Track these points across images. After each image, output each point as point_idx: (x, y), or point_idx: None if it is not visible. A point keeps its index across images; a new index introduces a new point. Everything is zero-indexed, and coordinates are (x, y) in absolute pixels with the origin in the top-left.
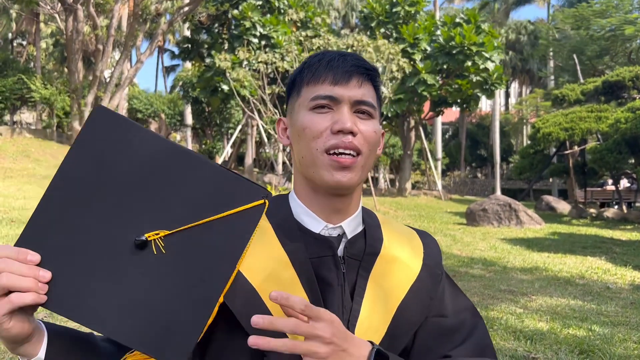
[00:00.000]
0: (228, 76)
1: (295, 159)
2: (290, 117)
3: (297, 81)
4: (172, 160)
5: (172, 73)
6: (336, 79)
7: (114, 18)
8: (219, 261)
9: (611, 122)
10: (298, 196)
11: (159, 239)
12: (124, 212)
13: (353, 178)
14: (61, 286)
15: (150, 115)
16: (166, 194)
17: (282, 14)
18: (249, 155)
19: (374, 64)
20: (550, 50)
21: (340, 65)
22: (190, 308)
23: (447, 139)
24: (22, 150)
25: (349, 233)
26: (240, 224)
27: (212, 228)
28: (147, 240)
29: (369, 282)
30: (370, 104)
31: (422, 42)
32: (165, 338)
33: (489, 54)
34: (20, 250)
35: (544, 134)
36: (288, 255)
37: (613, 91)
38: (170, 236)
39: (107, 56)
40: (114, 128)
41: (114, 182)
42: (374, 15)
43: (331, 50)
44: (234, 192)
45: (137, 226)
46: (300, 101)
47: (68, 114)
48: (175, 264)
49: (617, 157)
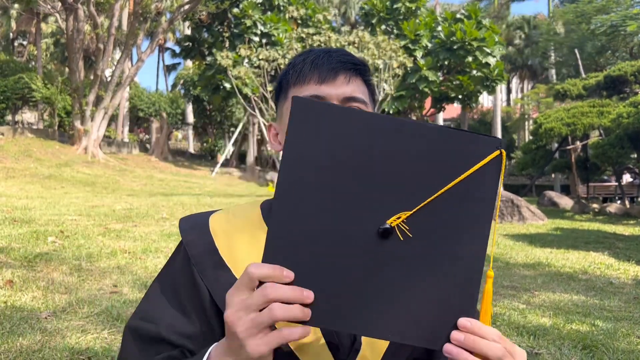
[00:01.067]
0: (229, 74)
1: None
2: (280, 122)
3: (283, 83)
4: (388, 134)
5: (173, 72)
6: (322, 78)
7: (114, 17)
8: (470, 230)
9: (613, 117)
10: None
11: (402, 222)
12: (356, 203)
13: None
14: (320, 300)
15: (152, 114)
16: (392, 172)
17: (282, 12)
18: (251, 153)
19: (362, 59)
20: (551, 46)
21: (325, 62)
22: (457, 290)
23: None
24: (24, 150)
25: None
26: (481, 183)
27: (453, 195)
28: (391, 228)
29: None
30: (360, 100)
31: (423, 38)
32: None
33: (490, 49)
34: (276, 268)
35: (545, 130)
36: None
37: (615, 86)
38: (412, 216)
39: (108, 55)
40: (319, 116)
41: (339, 174)
42: (374, 11)
43: (316, 48)
44: (464, 149)
45: (375, 214)
46: (288, 104)
47: (69, 113)
48: (426, 245)
49: (620, 151)
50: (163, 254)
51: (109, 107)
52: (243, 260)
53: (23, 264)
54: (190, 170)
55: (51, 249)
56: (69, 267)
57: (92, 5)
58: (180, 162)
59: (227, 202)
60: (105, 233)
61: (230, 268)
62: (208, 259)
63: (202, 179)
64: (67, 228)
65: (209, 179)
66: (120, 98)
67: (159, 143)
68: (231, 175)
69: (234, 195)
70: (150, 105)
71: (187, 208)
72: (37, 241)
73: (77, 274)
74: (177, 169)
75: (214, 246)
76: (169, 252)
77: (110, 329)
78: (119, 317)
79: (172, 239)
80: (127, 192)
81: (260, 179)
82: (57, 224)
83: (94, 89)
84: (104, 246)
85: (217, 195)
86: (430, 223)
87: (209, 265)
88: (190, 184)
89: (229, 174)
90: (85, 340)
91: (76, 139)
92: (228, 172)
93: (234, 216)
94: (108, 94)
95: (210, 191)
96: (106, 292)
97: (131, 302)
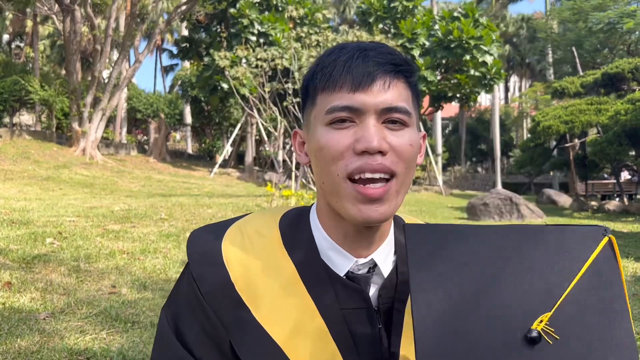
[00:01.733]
0: (227, 74)
1: (316, 181)
2: (307, 131)
3: (310, 88)
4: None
5: (170, 72)
6: (356, 83)
7: (111, 18)
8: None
9: (611, 114)
10: (321, 221)
11: (545, 325)
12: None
13: (387, 211)
14: None
15: (150, 115)
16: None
17: (280, 11)
18: (249, 154)
19: (405, 56)
20: (549, 45)
21: (360, 64)
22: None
23: (447, 134)
24: (22, 152)
25: (381, 264)
26: (603, 270)
27: (582, 289)
28: (538, 332)
29: (406, 315)
30: (402, 110)
31: (420, 37)
32: None
33: (488, 47)
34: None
35: (544, 127)
36: (314, 301)
37: (613, 83)
38: (552, 318)
39: (106, 56)
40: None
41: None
42: (371, 10)
43: (348, 43)
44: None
45: (515, 323)
46: (316, 112)
47: (67, 115)
48: (575, 342)
49: (618, 149)
50: (162, 254)
51: (106, 108)
52: (263, 296)
53: (21, 265)
54: (189, 171)
55: (49, 250)
56: (67, 268)
57: (89, 6)
58: (179, 163)
59: (226, 203)
60: (103, 234)
61: (249, 308)
62: (224, 296)
63: (201, 179)
64: (66, 229)
65: (208, 179)
66: (118, 99)
67: (157, 144)
68: (230, 175)
69: (232, 196)
70: (148, 107)
71: (185, 209)
72: (35, 242)
73: (75, 275)
74: (176, 170)
75: (230, 281)
76: (167, 253)
77: (108, 330)
78: (118, 317)
79: (171, 239)
80: (126, 193)
81: (258, 179)
82: (55, 226)
83: (91, 91)
84: (102, 247)
85: (215, 196)
86: (569, 318)
87: (226, 303)
88: (189, 185)
89: (228, 174)
90: (83, 340)
91: (74, 141)
92: (226, 173)
93: (250, 241)
94: (106, 95)
95: (208, 192)
96: (105, 293)
97: (130, 303)
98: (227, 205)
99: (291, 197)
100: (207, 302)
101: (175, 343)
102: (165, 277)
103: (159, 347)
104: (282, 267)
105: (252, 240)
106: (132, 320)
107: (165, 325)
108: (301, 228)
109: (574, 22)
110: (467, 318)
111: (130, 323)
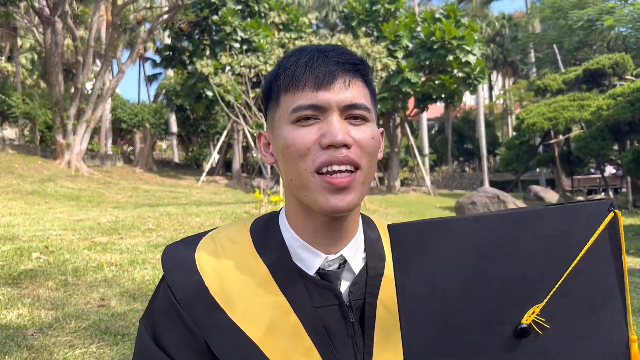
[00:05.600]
0: (211, 82)
1: (284, 179)
2: (271, 131)
3: (273, 89)
4: (499, 231)
5: (154, 82)
6: (318, 83)
7: (92, 29)
8: (605, 301)
9: (593, 110)
10: (290, 221)
11: (537, 316)
12: (484, 310)
13: (353, 200)
14: None
15: (135, 125)
16: (512, 267)
17: (262, 18)
18: (237, 160)
19: (360, 56)
20: (530, 43)
21: (321, 64)
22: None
23: (433, 134)
24: (6, 166)
25: (351, 260)
26: (603, 251)
27: (579, 272)
28: (528, 326)
29: (378, 308)
30: (363, 107)
31: (403, 39)
32: None
33: (470, 47)
34: None
35: (528, 125)
36: (288, 299)
37: (594, 79)
38: (546, 307)
39: (88, 68)
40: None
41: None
42: (354, 14)
43: (309, 45)
44: (577, 222)
45: (506, 315)
46: (281, 113)
47: (51, 128)
48: (565, 332)
49: (601, 144)
50: (150, 265)
51: (90, 120)
52: (238, 299)
53: (7, 281)
54: (176, 180)
55: (36, 265)
56: (55, 283)
57: (69, 18)
58: (166, 173)
59: (214, 211)
60: (91, 247)
61: (224, 310)
62: (199, 301)
63: (188, 188)
64: (52, 243)
65: (195, 188)
66: (102, 110)
67: (143, 154)
68: (217, 183)
69: (221, 204)
70: (133, 117)
71: (173, 218)
72: (22, 258)
73: (63, 289)
74: (163, 179)
75: (204, 285)
76: (156, 263)
77: (98, 343)
78: (107, 330)
79: (159, 249)
80: (113, 205)
81: (247, 186)
82: (41, 240)
83: (75, 102)
84: (90, 260)
85: (203, 204)
86: (563, 306)
87: (201, 307)
88: (176, 194)
89: (215, 182)
90: (73, 355)
91: (59, 154)
92: (214, 181)
93: (222, 248)
94: (89, 106)
95: (196, 200)
96: (93, 306)
97: (119, 315)
98: (215, 213)
99: (280, 202)
100: (182, 307)
101: (156, 349)
102: (155, 287)
103: (139, 357)
104: (254, 270)
105: (224, 247)
106: (122, 333)
107: (144, 334)
108: (271, 231)
109: (554, 20)
110: (456, 311)
111: (120, 335)
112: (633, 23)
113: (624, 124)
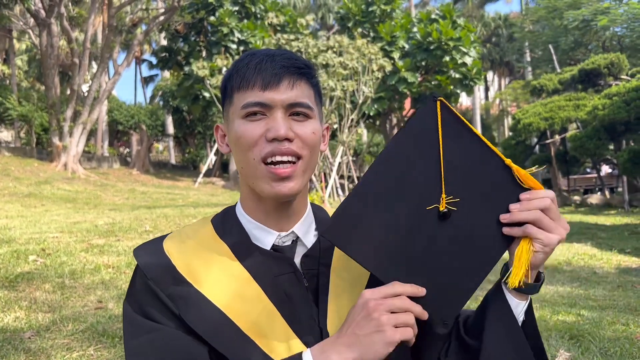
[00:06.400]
0: (207, 83)
1: (237, 167)
2: (226, 125)
3: (227, 88)
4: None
5: (151, 83)
6: (265, 83)
7: (88, 31)
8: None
9: (589, 110)
10: (244, 207)
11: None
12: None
13: (294, 187)
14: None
15: (132, 127)
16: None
17: (259, 19)
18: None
19: (307, 60)
20: (526, 43)
21: (268, 67)
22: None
23: None
24: (2, 169)
25: (303, 236)
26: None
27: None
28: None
29: (331, 276)
30: (305, 105)
31: (399, 39)
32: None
33: (466, 48)
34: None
35: (524, 125)
36: (249, 271)
37: (590, 79)
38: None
39: (84, 70)
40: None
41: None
42: (350, 15)
43: (260, 49)
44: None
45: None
46: (233, 109)
47: (47, 130)
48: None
49: (597, 143)
50: None
51: (87, 122)
52: (203, 273)
53: (4, 284)
54: (173, 182)
55: (33, 268)
56: (52, 285)
57: (65, 20)
58: (162, 174)
59: (211, 212)
60: (88, 249)
61: (191, 283)
62: (167, 277)
63: (185, 189)
64: (49, 246)
65: (192, 189)
66: (98, 112)
67: (140, 156)
68: (214, 184)
69: (218, 205)
70: (129, 118)
71: (170, 220)
72: (18, 260)
73: (60, 291)
74: (159, 181)
75: (172, 264)
76: None
77: (96, 346)
78: (105, 332)
79: None
80: (109, 207)
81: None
82: (38, 242)
83: (71, 104)
84: (87, 262)
85: (200, 206)
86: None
87: (169, 282)
88: (173, 196)
89: (212, 183)
90: (70, 358)
91: (55, 156)
92: (211, 182)
93: (187, 237)
94: (86, 108)
95: (193, 202)
96: (91, 309)
97: (117, 317)
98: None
99: None
100: (155, 284)
101: (145, 320)
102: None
103: (131, 331)
104: (217, 249)
105: (189, 236)
106: (119, 335)
107: (129, 310)
108: (229, 218)
109: (549, 21)
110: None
111: (118, 338)
112: (628, 23)
113: (620, 124)
